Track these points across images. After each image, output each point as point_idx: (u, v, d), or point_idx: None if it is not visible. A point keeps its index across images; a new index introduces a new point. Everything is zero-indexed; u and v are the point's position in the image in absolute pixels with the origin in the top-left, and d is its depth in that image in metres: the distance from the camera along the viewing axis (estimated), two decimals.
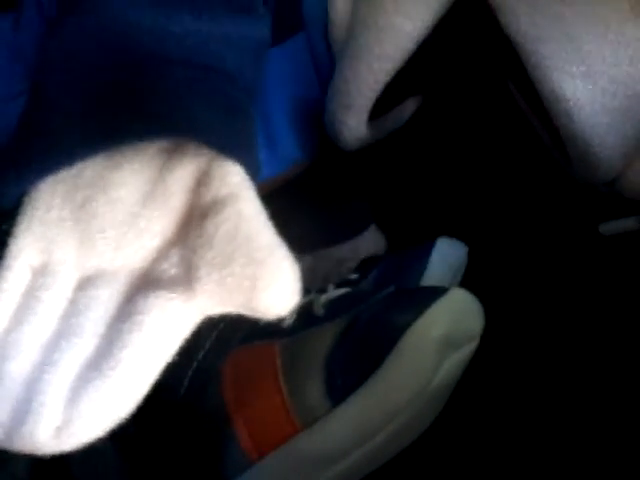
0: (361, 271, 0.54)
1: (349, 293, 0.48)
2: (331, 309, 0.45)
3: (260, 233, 0.30)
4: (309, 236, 0.54)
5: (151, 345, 0.29)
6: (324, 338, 0.43)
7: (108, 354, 0.29)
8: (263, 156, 0.35)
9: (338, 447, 0.42)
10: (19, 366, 0.29)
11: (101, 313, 0.30)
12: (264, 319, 0.30)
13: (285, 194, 0.49)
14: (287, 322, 0.44)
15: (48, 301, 0.30)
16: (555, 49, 0.44)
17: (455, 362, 0.43)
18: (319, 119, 0.50)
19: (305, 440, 0.42)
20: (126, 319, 0.29)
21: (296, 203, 0.51)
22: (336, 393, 0.42)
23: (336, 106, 0.48)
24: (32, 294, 0.30)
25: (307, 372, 0.42)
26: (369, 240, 0.57)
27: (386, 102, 0.50)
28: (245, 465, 0.43)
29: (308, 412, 0.42)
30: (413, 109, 0.54)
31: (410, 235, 0.57)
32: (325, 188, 0.56)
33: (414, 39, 0.46)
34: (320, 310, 0.45)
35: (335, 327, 0.43)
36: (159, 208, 0.31)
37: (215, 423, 0.43)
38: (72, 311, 0.30)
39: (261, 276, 0.29)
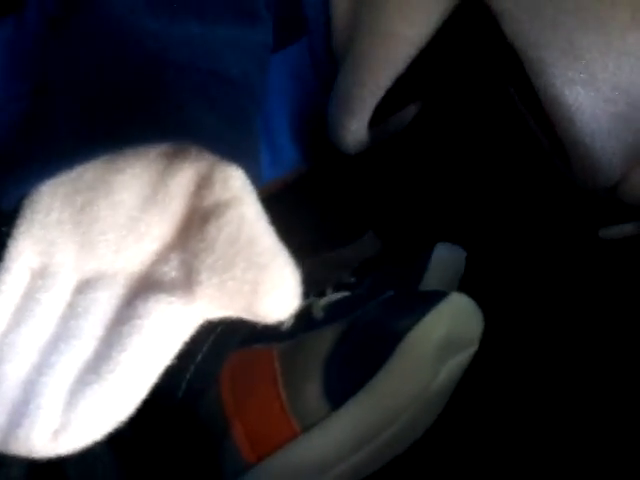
0: (359, 275, 0.54)
1: (348, 297, 0.48)
2: (330, 313, 0.45)
3: (262, 237, 0.30)
4: (307, 241, 0.54)
5: (150, 349, 0.29)
6: (323, 342, 0.43)
7: (107, 357, 0.29)
8: (264, 160, 0.35)
9: (336, 451, 0.42)
10: (16, 368, 0.29)
11: (100, 316, 0.30)
12: (264, 323, 0.30)
13: (284, 198, 0.49)
14: (286, 325, 0.44)
15: (47, 303, 0.30)
16: (557, 56, 0.44)
17: (454, 366, 0.43)
18: (319, 124, 0.50)
19: (304, 444, 0.42)
20: (125, 322, 0.29)
21: (294, 208, 0.50)
22: (335, 397, 0.42)
23: (338, 111, 0.48)
24: (31, 296, 0.30)
25: (306, 376, 0.42)
26: (367, 245, 0.57)
27: (387, 107, 0.50)
28: (243, 468, 0.43)
29: (307, 416, 0.42)
30: (414, 113, 0.54)
31: (408, 241, 0.57)
32: (323, 193, 0.56)
33: (416, 45, 0.46)
34: (319, 313, 0.45)
35: (334, 331, 0.43)
36: (160, 212, 0.31)
37: (213, 426, 0.43)
38: (71, 314, 0.30)
39: (262, 280, 0.29)
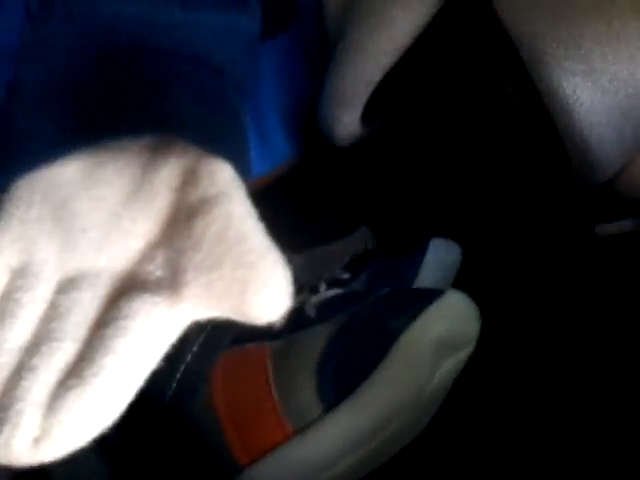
0: (352, 270, 0.54)
1: (341, 294, 0.47)
2: (323, 310, 0.45)
3: (251, 235, 0.30)
4: (299, 235, 0.54)
5: (136, 351, 0.28)
6: (316, 341, 0.43)
7: (90, 360, 0.28)
8: (253, 152, 0.35)
9: (330, 453, 0.41)
10: None
11: (83, 317, 0.29)
12: (254, 324, 0.30)
13: (274, 192, 0.50)
14: (278, 324, 0.44)
15: (27, 304, 0.29)
16: (555, 46, 0.44)
17: (451, 366, 0.43)
18: (310, 115, 0.50)
19: (297, 445, 0.42)
20: (110, 324, 0.29)
21: (285, 201, 0.51)
22: (328, 397, 0.41)
23: (330, 102, 0.48)
24: (10, 296, 0.29)
25: (299, 376, 0.42)
26: (359, 240, 0.57)
27: (381, 101, 0.50)
28: (235, 471, 0.42)
29: (300, 417, 0.42)
30: (407, 106, 0.54)
31: (402, 235, 0.57)
32: (315, 187, 0.56)
33: (409, 33, 0.46)
34: (312, 311, 0.45)
35: (327, 329, 0.43)
36: (144, 208, 0.31)
37: (204, 428, 0.43)
38: (52, 314, 0.29)
39: (252, 280, 0.29)
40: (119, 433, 0.29)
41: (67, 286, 0.30)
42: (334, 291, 0.48)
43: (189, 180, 0.31)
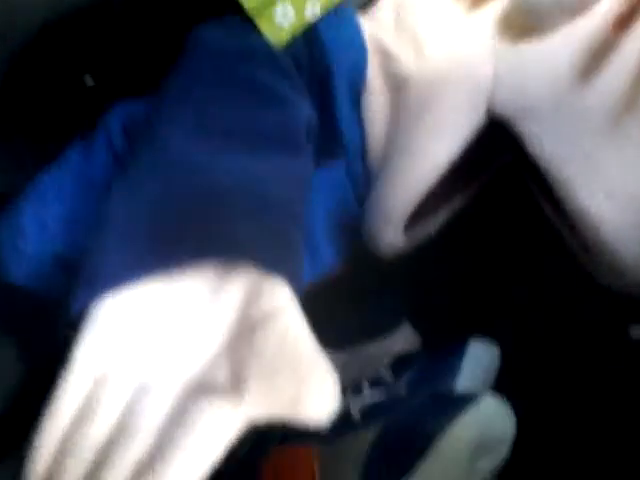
0: (395, 370, 0.55)
1: (384, 401, 0.49)
2: (367, 414, 0.47)
3: (305, 347, 0.32)
4: (343, 333, 0.55)
5: (201, 448, 0.30)
6: (360, 445, 0.44)
7: (160, 456, 0.30)
8: (305, 265, 0.37)
9: None
10: (78, 464, 0.31)
11: (155, 417, 0.32)
12: (304, 426, 0.32)
13: (320, 292, 0.49)
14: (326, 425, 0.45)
15: (106, 406, 0.32)
16: (577, 170, 0.46)
17: (487, 466, 0.44)
18: (356, 232, 0.52)
19: None
20: (179, 423, 0.31)
21: (330, 300, 0.52)
22: None
23: (374, 221, 0.50)
24: (92, 397, 0.32)
25: (343, 478, 0.43)
26: (402, 337, 0.58)
27: (419, 212, 0.52)
28: None
29: None
30: (446, 216, 0.56)
31: (442, 333, 0.57)
32: (359, 286, 0.56)
33: (445, 162, 0.48)
34: (357, 414, 0.47)
35: (369, 433, 0.44)
36: (212, 324, 0.34)
37: None
38: (128, 415, 0.32)
39: (304, 390, 0.31)
40: None
41: (142, 390, 0.32)
42: (377, 394, 0.49)
43: (252, 298, 0.34)
